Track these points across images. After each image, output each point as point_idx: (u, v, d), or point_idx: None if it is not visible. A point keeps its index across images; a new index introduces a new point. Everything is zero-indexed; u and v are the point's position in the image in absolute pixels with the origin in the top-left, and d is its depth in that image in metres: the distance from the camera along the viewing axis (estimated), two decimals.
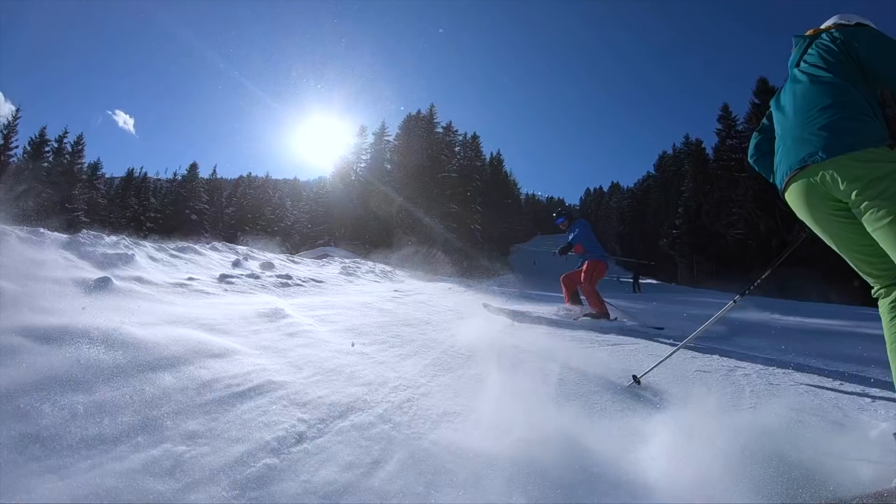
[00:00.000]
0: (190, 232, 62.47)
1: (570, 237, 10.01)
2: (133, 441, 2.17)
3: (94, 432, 2.17)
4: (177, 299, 5.62)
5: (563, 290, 9.97)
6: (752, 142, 3.70)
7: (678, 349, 4.80)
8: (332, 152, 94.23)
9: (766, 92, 51.18)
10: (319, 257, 31.74)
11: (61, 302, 4.48)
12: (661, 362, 4.52)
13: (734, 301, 4.37)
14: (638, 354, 5.94)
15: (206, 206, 74.14)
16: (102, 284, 5.32)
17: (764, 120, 3.56)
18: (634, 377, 4.34)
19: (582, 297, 9.54)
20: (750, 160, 3.76)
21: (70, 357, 2.80)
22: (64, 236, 7.76)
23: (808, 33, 3.11)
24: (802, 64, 2.98)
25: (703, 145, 63.61)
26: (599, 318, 8.51)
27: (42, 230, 7.66)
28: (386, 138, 68.04)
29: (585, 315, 8.75)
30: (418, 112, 67.36)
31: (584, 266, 9.40)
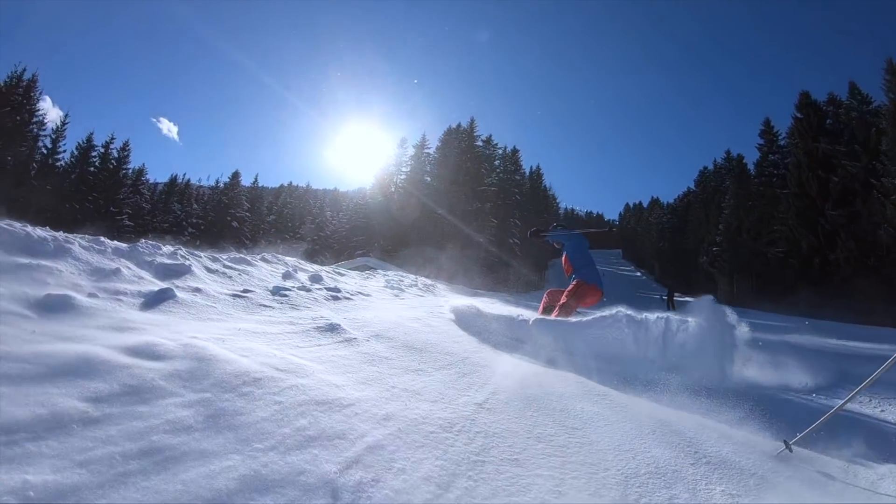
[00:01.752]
0: (231, 239, 63.27)
1: (564, 249, 9.71)
2: (226, 455, 2.33)
3: (194, 446, 2.33)
4: (240, 313, 5.82)
5: (541, 302, 9.73)
6: None
7: (843, 404, 3.94)
8: (372, 164, 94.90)
9: (808, 106, 50.33)
10: (359, 268, 31.96)
11: (132, 314, 4.70)
12: (820, 422, 3.79)
13: None
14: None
15: (248, 214, 74.95)
16: (167, 296, 5.52)
17: None
18: (786, 443, 3.65)
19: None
20: None
21: (162, 372, 2.97)
22: (123, 245, 7.97)
23: None
24: None
25: (744, 161, 62.58)
26: None
27: (102, 239, 7.87)
28: (426, 150, 68.14)
29: None
30: (458, 125, 67.47)
31: (571, 284, 9.01)
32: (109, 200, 56.21)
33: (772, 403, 5.47)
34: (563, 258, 9.76)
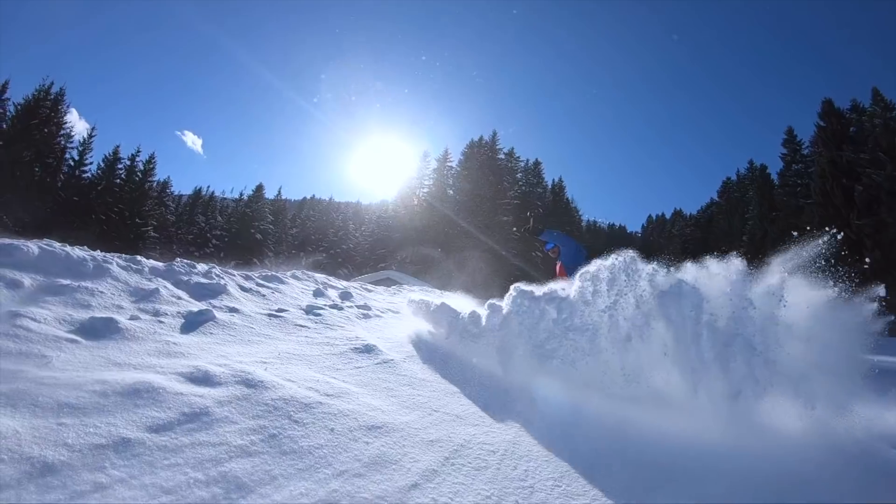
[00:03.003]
0: (255, 251, 63.74)
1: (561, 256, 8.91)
2: (295, 482, 2.45)
3: (263, 475, 2.44)
4: (277, 334, 5.90)
5: None
6: None
7: None
8: (394, 177, 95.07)
9: (831, 114, 49.54)
10: (382, 281, 32.00)
11: (175, 336, 4.81)
12: None
13: None
14: None
15: (271, 227, 75.21)
16: (206, 317, 5.63)
17: None
18: None
19: None
20: None
21: (216, 399, 3.09)
22: (160, 265, 8.09)
23: None
24: None
25: (767, 171, 61.77)
26: None
27: (139, 258, 8.01)
28: (448, 164, 67.96)
29: None
30: (480, 138, 67.24)
31: None
32: (135, 212, 56.61)
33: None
34: (558, 267, 9.17)
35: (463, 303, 9.37)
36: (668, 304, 4.99)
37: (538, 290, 6.57)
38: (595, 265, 6.09)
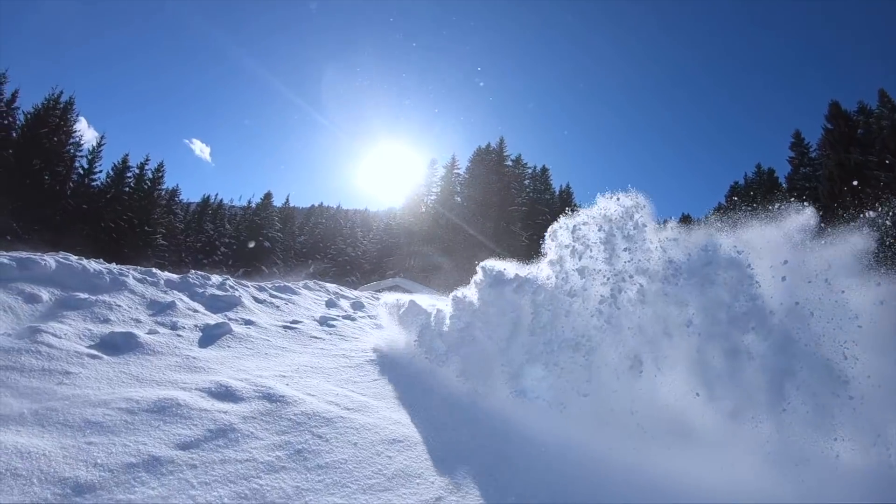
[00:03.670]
0: (263, 259, 63.79)
1: None
2: (324, 497, 2.52)
3: (291, 490, 2.50)
4: (293, 346, 5.97)
5: None
6: None
7: None
8: (402, 184, 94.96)
9: (838, 116, 49.11)
10: (390, 288, 31.93)
11: (195, 350, 4.87)
12: None
13: None
14: None
15: (279, 234, 75.14)
16: (223, 330, 5.69)
17: None
18: None
19: None
20: None
21: (240, 414, 3.14)
22: (175, 277, 8.14)
23: None
24: None
25: (775, 174, 61.35)
26: None
27: (154, 271, 8.07)
28: (456, 171, 67.53)
29: None
30: (488, 145, 67.00)
31: None
32: (144, 220, 56.64)
33: None
34: None
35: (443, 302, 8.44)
36: (693, 292, 3.69)
37: (510, 269, 5.72)
38: (579, 216, 4.89)
